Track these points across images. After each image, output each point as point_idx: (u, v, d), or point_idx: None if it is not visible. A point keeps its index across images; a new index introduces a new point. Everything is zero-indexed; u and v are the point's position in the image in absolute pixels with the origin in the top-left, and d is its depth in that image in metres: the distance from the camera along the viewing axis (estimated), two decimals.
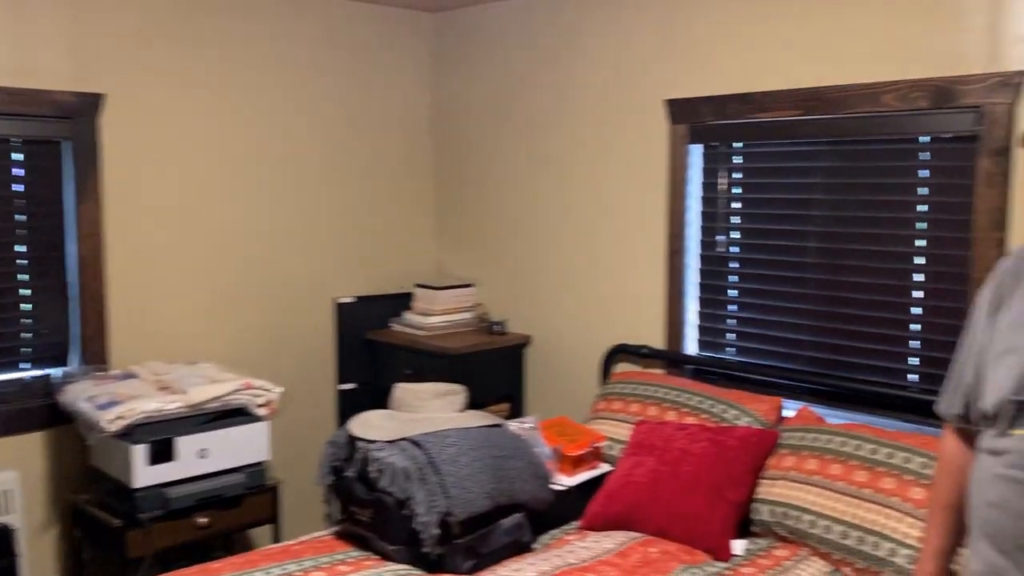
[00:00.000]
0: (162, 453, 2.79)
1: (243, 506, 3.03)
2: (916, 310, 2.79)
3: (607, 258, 3.57)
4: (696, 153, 3.27)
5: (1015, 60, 2.50)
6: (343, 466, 2.59)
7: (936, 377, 2.61)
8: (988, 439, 1.56)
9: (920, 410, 2.67)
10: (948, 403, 1.74)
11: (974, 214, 2.60)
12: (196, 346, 3.44)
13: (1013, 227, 2.53)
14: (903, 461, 2.42)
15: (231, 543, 3.22)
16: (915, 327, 2.80)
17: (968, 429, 1.70)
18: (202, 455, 2.88)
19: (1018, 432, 1.48)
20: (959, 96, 2.59)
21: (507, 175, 3.94)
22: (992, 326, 1.61)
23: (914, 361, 2.80)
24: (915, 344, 2.80)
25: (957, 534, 1.74)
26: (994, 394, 1.54)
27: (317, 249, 3.84)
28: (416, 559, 2.40)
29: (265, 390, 3.06)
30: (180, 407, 2.85)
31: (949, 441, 1.79)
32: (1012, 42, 2.50)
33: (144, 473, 2.75)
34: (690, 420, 2.92)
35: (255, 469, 3.04)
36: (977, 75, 2.55)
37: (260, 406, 3.04)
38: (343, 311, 3.91)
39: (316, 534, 2.67)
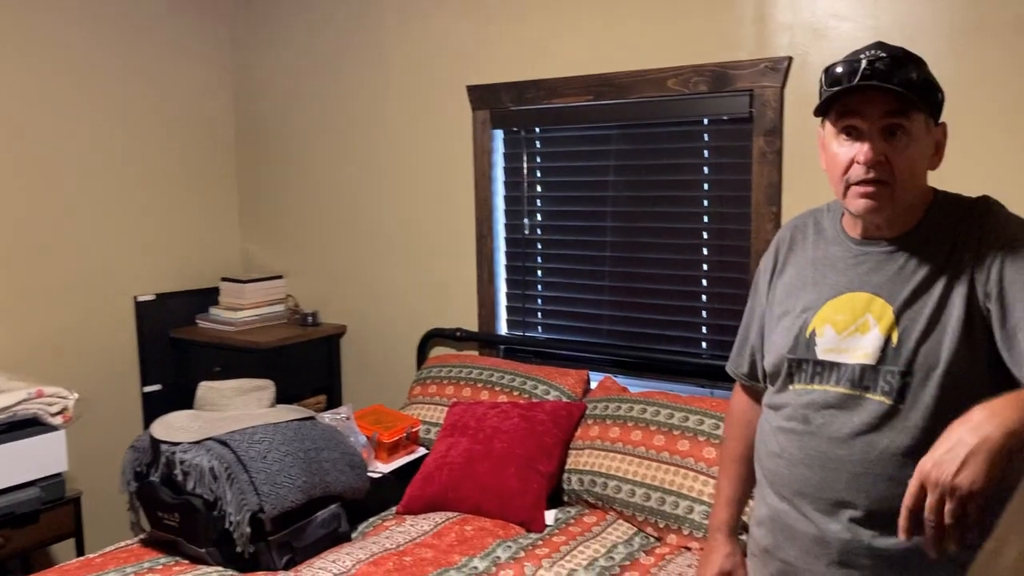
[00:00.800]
0: None
1: (41, 522, 2.85)
2: (705, 282, 2.97)
3: (419, 244, 3.58)
4: (499, 138, 3.34)
5: (781, 47, 2.70)
6: (147, 471, 2.49)
7: (723, 343, 2.80)
8: (770, 395, 1.69)
9: (711, 375, 2.86)
10: (736, 363, 1.87)
11: (752, 191, 2.80)
12: None
13: (785, 201, 2.74)
14: (697, 424, 2.58)
15: (29, 562, 3.03)
16: (705, 298, 2.98)
17: (755, 387, 1.83)
18: None
19: (795, 387, 1.60)
20: (734, 80, 2.77)
21: (314, 162, 3.87)
22: (772, 291, 1.73)
23: (705, 329, 2.98)
24: (706, 313, 2.98)
25: (747, 484, 1.85)
26: (773, 353, 1.66)
27: (113, 245, 3.63)
28: (229, 559, 2.35)
29: (60, 397, 2.89)
30: None
31: (738, 398, 1.91)
32: (778, 30, 2.70)
33: None
34: (503, 398, 2.99)
35: (52, 482, 2.87)
36: (749, 60, 2.74)
37: (54, 415, 2.87)
38: (143, 309, 3.73)
39: (121, 544, 2.55)
